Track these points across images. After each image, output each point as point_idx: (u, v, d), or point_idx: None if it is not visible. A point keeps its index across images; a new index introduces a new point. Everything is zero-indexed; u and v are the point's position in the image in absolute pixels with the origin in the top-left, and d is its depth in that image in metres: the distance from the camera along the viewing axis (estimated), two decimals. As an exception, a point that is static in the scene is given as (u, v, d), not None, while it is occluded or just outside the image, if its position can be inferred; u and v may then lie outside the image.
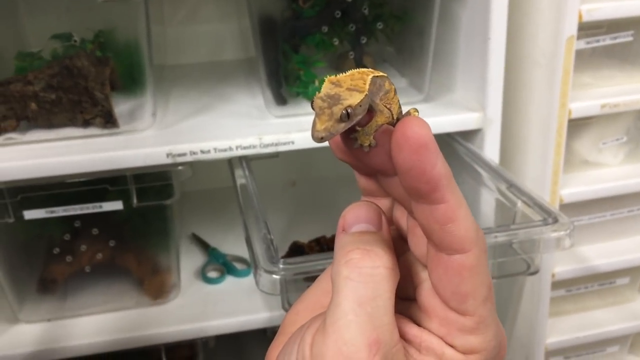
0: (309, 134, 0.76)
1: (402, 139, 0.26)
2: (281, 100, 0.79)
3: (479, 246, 0.28)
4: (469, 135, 0.79)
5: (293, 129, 0.74)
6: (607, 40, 0.80)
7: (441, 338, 0.29)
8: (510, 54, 0.76)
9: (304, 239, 0.83)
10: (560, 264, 0.88)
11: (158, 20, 1.02)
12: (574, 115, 0.78)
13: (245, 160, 0.74)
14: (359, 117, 0.27)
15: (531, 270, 0.61)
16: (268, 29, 0.77)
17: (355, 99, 0.27)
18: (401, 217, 0.33)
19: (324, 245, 0.82)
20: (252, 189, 0.67)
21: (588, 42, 0.79)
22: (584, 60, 0.82)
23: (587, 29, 0.78)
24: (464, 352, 0.29)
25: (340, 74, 0.28)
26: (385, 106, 0.29)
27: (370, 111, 0.28)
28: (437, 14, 0.77)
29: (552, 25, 0.75)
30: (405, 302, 0.32)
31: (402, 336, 0.30)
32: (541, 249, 0.57)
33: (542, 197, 0.79)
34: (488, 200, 0.75)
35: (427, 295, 0.30)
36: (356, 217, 0.31)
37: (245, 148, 0.72)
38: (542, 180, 0.82)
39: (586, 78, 0.83)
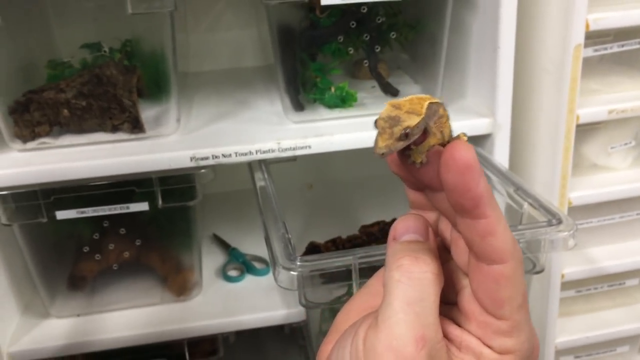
0: (325, 138, 0.80)
1: (451, 159, 0.29)
2: (299, 106, 0.82)
3: (515, 258, 0.31)
4: (480, 140, 0.82)
5: (310, 134, 0.77)
6: (614, 48, 0.82)
7: (479, 339, 0.33)
8: (519, 62, 0.79)
9: (321, 239, 0.86)
10: (569, 264, 0.90)
11: (181, 29, 1.05)
12: (581, 121, 0.81)
13: (265, 164, 0.77)
14: (415, 137, 0.31)
15: (537, 269, 0.63)
16: (286, 38, 0.80)
17: (413, 121, 0.30)
18: (446, 229, 0.36)
19: (340, 246, 0.85)
20: (271, 191, 0.70)
21: (596, 50, 0.82)
22: (592, 67, 0.84)
23: (594, 37, 0.80)
24: (500, 353, 0.32)
25: (400, 99, 0.32)
26: (438, 129, 0.32)
27: (425, 133, 0.32)
28: (449, 23, 0.79)
29: (560, 34, 0.77)
30: (448, 306, 0.35)
31: (445, 336, 0.33)
32: (546, 248, 0.59)
33: (548, 199, 0.81)
34: (499, 204, 0.77)
35: (467, 300, 0.33)
36: (406, 227, 0.35)
37: (264, 152, 0.76)
38: (551, 184, 0.84)
39: (594, 84, 0.85)
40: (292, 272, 0.56)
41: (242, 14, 1.10)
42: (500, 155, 0.80)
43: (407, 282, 0.32)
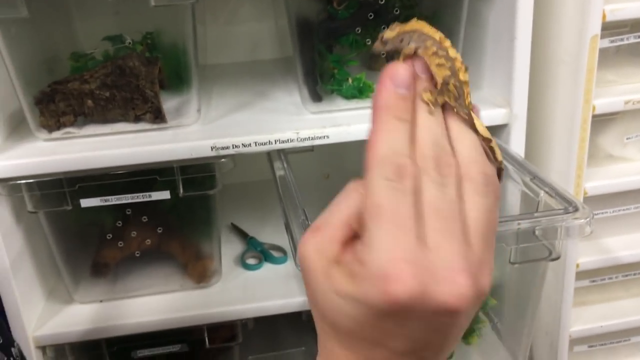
0: (343, 129, 0.81)
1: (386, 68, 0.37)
2: (317, 97, 0.83)
3: (376, 171, 0.35)
4: (496, 130, 0.82)
5: (328, 124, 0.78)
6: (631, 39, 0.83)
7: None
8: (535, 53, 0.80)
9: (338, 228, 0.87)
10: (584, 254, 0.91)
11: (200, 22, 1.07)
12: (597, 111, 0.81)
13: (283, 154, 0.78)
14: (389, 46, 0.40)
15: (553, 256, 0.64)
16: (304, 30, 0.81)
17: (391, 33, 0.40)
18: None
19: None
20: (290, 180, 0.71)
21: (612, 41, 0.82)
22: (608, 58, 0.85)
23: (611, 28, 0.81)
24: (357, 260, 0.35)
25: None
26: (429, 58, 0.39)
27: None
28: (466, 14, 0.80)
29: (576, 25, 0.78)
30: None
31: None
32: (562, 235, 0.60)
33: (565, 188, 0.82)
34: (514, 192, 0.78)
35: None
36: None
37: (283, 142, 0.77)
38: (566, 174, 0.85)
39: (610, 75, 0.86)
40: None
41: (260, 6, 1.11)
42: (517, 145, 0.81)
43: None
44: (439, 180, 0.34)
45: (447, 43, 0.38)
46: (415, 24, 0.39)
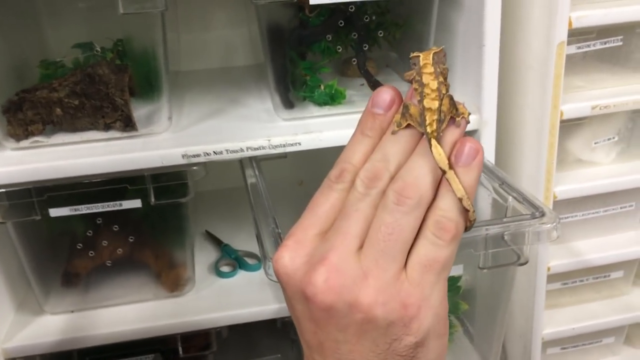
0: (315, 135, 0.81)
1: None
2: (289, 104, 0.83)
3: (330, 176, 0.40)
4: (466, 136, 0.83)
5: (300, 131, 0.78)
6: (597, 45, 0.84)
7: None
8: (504, 59, 0.81)
9: (311, 235, 0.87)
10: (555, 257, 0.92)
11: (173, 28, 1.06)
12: (565, 117, 0.82)
13: (255, 161, 0.78)
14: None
15: (521, 261, 0.65)
16: (276, 37, 0.81)
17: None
18: None
19: (330, 241, 0.86)
20: (262, 188, 0.71)
21: (579, 47, 0.84)
22: (576, 64, 0.86)
23: (578, 34, 0.82)
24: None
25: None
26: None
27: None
28: (435, 21, 0.81)
29: (543, 31, 0.79)
30: None
31: None
32: (530, 240, 0.61)
33: (532, 193, 0.83)
34: (485, 199, 0.79)
35: None
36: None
37: (255, 149, 0.77)
38: (536, 178, 0.86)
39: (578, 81, 0.87)
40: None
41: (233, 13, 1.11)
42: (487, 150, 0.82)
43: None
44: (362, 190, 0.38)
45: (427, 69, 0.40)
46: (433, 49, 0.41)
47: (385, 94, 0.41)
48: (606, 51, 0.86)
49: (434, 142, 0.38)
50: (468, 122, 0.42)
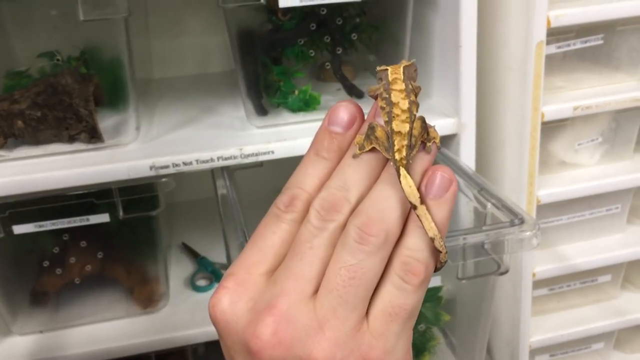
0: (288, 143, 0.78)
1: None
2: (262, 111, 0.81)
3: (277, 202, 0.36)
4: (445, 140, 0.81)
5: (273, 139, 0.76)
6: (577, 45, 0.82)
7: None
8: (483, 60, 0.78)
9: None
10: (541, 263, 0.90)
11: (143, 34, 1.04)
12: (546, 118, 0.80)
13: (227, 171, 0.75)
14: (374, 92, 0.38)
15: (501, 270, 0.62)
16: (246, 42, 0.79)
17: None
18: None
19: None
20: (233, 199, 0.69)
21: (559, 47, 0.81)
22: (556, 64, 0.84)
23: (557, 34, 0.80)
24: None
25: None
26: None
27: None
28: (411, 22, 0.79)
29: (521, 31, 0.77)
30: None
31: None
32: (510, 249, 0.59)
33: (515, 198, 0.81)
34: (465, 205, 0.77)
35: None
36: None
37: (226, 159, 0.74)
38: (519, 183, 0.84)
39: (559, 81, 0.85)
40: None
41: (207, 17, 1.08)
42: (467, 155, 0.80)
43: None
44: (317, 223, 0.33)
45: (397, 85, 0.35)
46: (403, 62, 0.37)
47: (344, 112, 0.36)
48: (587, 50, 0.84)
49: (403, 171, 0.33)
50: (439, 147, 0.36)
